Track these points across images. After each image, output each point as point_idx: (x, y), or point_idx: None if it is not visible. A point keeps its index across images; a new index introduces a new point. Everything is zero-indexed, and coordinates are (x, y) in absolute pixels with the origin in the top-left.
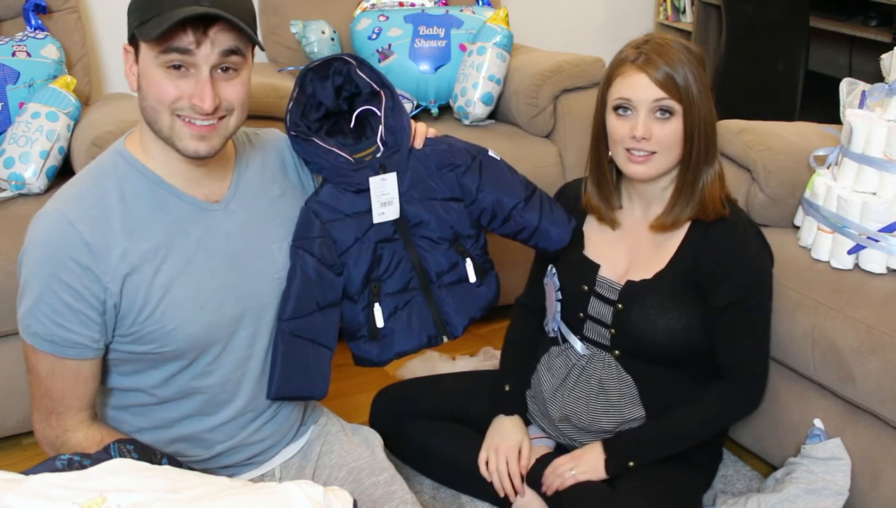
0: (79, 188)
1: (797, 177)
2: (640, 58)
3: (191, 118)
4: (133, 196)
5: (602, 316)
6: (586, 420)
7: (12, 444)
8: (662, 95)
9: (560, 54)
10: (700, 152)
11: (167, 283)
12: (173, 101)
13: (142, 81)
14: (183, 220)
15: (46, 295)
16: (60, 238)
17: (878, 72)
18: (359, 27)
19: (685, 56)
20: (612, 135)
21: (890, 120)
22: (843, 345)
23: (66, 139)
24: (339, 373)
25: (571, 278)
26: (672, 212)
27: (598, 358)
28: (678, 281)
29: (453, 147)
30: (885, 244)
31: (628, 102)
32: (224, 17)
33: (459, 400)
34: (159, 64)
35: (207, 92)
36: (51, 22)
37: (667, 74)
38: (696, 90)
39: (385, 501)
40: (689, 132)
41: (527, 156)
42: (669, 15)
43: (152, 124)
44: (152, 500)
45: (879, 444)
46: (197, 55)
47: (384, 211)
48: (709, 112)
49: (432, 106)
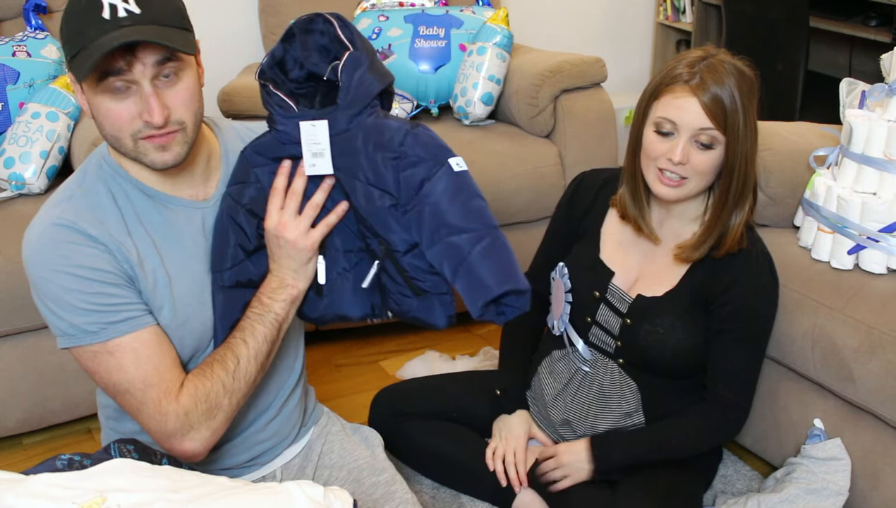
0: (70, 194)
1: (797, 177)
2: (695, 79)
3: (148, 134)
4: (123, 198)
5: (609, 326)
6: (587, 425)
7: (12, 444)
8: (709, 125)
9: (560, 54)
10: (738, 188)
11: (170, 279)
12: (128, 126)
13: (94, 112)
14: (173, 219)
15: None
16: (68, 238)
17: (878, 72)
18: (359, 27)
19: (738, 82)
20: (647, 151)
21: (890, 120)
22: (843, 345)
23: (66, 139)
24: (339, 373)
25: (584, 281)
26: (701, 247)
27: (601, 364)
28: (688, 300)
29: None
30: (885, 244)
31: (672, 124)
32: (142, 42)
33: (459, 400)
34: (103, 91)
35: (154, 105)
36: (51, 22)
37: (717, 101)
38: (742, 123)
39: (385, 501)
40: (729, 167)
41: (527, 156)
42: (669, 15)
43: (117, 148)
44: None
45: (879, 444)
46: (133, 73)
47: (315, 162)
48: (752, 145)
49: (432, 106)
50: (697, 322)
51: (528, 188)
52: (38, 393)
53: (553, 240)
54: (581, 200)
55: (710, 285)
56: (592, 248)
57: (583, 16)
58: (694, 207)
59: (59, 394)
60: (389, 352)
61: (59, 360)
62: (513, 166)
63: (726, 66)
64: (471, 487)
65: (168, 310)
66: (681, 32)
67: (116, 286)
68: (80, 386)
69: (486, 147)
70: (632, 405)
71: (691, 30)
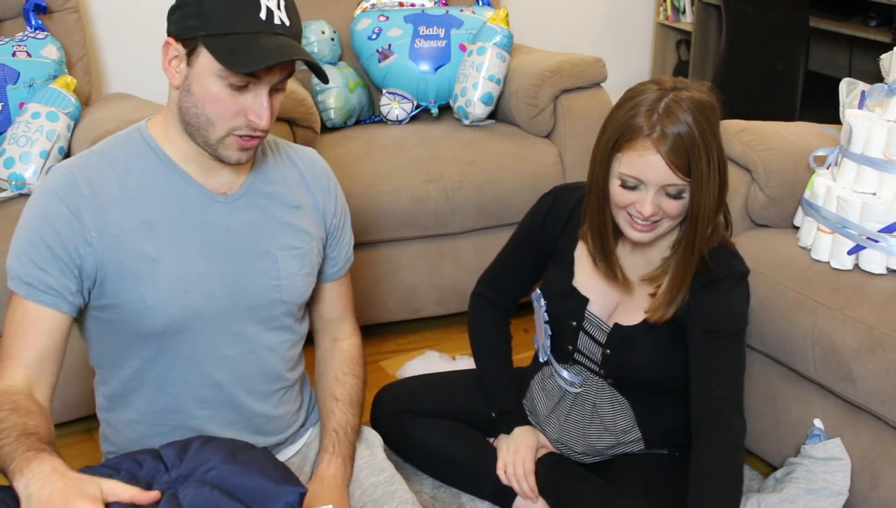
0: (91, 152)
1: (797, 177)
2: (655, 132)
3: (245, 134)
4: (140, 169)
5: (591, 354)
6: (585, 444)
7: None
8: (676, 181)
9: (560, 54)
10: (703, 232)
11: (155, 258)
12: (232, 118)
13: (194, 87)
14: (185, 203)
15: (33, 238)
16: (59, 186)
17: (878, 72)
18: (359, 27)
19: (697, 119)
20: (616, 201)
21: (890, 120)
22: (843, 345)
23: (66, 139)
24: None
25: (560, 310)
26: (673, 303)
27: (591, 382)
28: (666, 327)
29: None
30: (885, 244)
31: (638, 181)
32: (305, 62)
33: (459, 400)
34: (223, 80)
35: (266, 111)
36: (51, 22)
37: (680, 151)
38: (706, 165)
39: (385, 501)
40: (694, 214)
41: (527, 156)
42: (669, 15)
43: (197, 129)
44: None
45: (879, 444)
46: (263, 79)
47: None
48: (720, 178)
49: (432, 106)
50: (678, 345)
51: (528, 188)
52: None
53: (520, 252)
54: (554, 221)
55: (687, 310)
56: (567, 274)
57: (583, 16)
58: (668, 236)
59: (59, 394)
60: (389, 352)
61: None
62: (513, 166)
63: (683, 105)
64: (471, 485)
65: (143, 288)
66: (681, 32)
67: (62, 273)
68: (80, 386)
69: (486, 147)
70: (626, 421)
71: (691, 30)
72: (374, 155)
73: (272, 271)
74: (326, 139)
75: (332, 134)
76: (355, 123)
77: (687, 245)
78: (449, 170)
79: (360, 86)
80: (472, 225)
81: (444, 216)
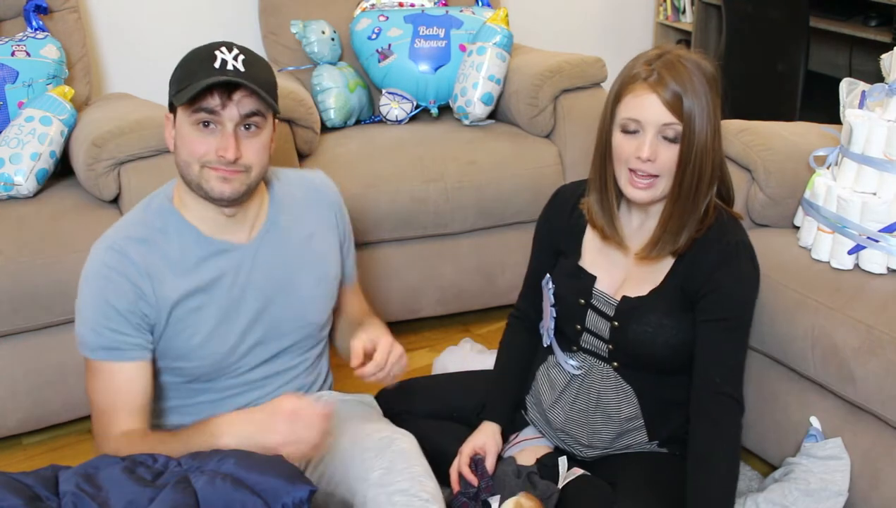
0: (128, 222)
1: (797, 177)
2: (652, 76)
3: (216, 166)
4: (177, 237)
5: (599, 331)
6: (589, 432)
7: (12, 444)
8: (672, 120)
9: (560, 54)
10: (692, 185)
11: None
12: (202, 155)
13: (177, 141)
14: (221, 266)
15: (103, 308)
16: (113, 260)
17: (878, 72)
18: (359, 27)
19: (695, 75)
20: (618, 153)
21: (890, 120)
22: (843, 345)
23: (58, 144)
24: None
25: (568, 290)
26: (656, 247)
27: (596, 370)
28: (674, 297)
29: None
30: (885, 244)
31: (637, 123)
32: (243, 84)
33: (459, 400)
34: (191, 122)
35: (231, 144)
36: (51, 22)
37: (677, 96)
38: (699, 113)
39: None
40: (683, 158)
41: (527, 156)
42: (669, 15)
43: (185, 175)
44: None
45: (879, 444)
46: (222, 115)
47: None
48: (713, 136)
49: (432, 106)
50: (685, 317)
51: (528, 188)
52: (38, 393)
53: (539, 257)
54: (558, 215)
55: (692, 278)
56: (574, 256)
57: (583, 16)
58: None
59: (59, 394)
60: None
61: (59, 360)
62: (513, 166)
63: (683, 61)
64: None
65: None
66: (681, 32)
67: (127, 323)
68: (80, 386)
69: (486, 147)
70: (630, 410)
71: (691, 30)
72: (373, 155)
73: (296, 303)
74: (326, 139)
75: (332, 134)
76: (355, 123)
77: (673, 188)
78: (449, 170)
79: (360, 87)
80: (472, 225)
81: (444, 216)
